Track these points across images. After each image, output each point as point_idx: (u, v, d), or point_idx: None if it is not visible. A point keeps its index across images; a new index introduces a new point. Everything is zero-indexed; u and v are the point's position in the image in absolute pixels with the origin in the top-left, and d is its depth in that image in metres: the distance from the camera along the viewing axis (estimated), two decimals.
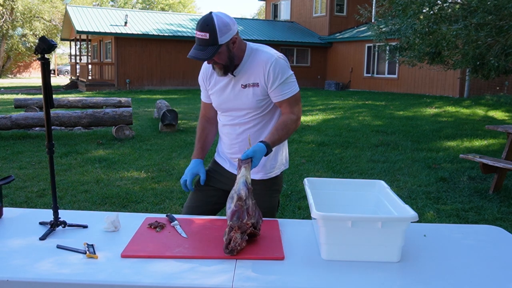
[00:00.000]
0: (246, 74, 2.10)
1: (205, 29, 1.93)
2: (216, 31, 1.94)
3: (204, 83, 2.26)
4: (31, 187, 5.22)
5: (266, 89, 2.10)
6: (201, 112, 2.39)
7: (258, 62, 2.09)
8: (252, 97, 2.11)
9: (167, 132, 8.95)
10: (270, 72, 2.06)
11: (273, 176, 2.26)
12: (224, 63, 2.02)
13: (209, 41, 1.94)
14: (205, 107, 2.35)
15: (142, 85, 20.86)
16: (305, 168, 6.30)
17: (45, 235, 1.77)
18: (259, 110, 2.15)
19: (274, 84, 2.08)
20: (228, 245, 1.60)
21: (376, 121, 10.90)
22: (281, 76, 2.08)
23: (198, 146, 2.33)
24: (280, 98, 2.11)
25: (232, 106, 2.17)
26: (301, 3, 25.57)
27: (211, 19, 1.94)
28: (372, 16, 15.18)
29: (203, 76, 2.25)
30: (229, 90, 2.14)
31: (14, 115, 7.99)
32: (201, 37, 1.94)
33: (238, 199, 1.71)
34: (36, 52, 1.75)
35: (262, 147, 1.95)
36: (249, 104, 2.12)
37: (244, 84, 2.11)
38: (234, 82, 2.12)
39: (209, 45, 1.94)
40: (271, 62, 2.07)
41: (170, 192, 5.10)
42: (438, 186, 5.48)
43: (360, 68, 21.89)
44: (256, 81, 2.09)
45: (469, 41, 7.00)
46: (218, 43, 1.95)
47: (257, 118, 2.17)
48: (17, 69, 40.23)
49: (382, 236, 1.60)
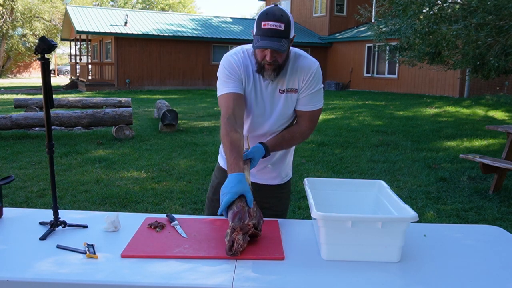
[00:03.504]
0: (285, 78, 1.97)
1: (280, 20, 1.80)
2: (290, 23, 1.83)
3: (240, 72, 1.94)
4: (31, 187, 5.22)
5: (299, 95, 1.99)
6: (227, 110, 1.89)
7: (300, 67, 1.97)
8: (288, 104, 1.99)
9: (167, 132, 8.95)
10: (310, 78, 1.97)
11: (287, 180, 2.27)
12: (281, 63, 1.88)
13: (283, 33, 1.80)
14: (235, 100, 1.90)
15: (142, 85, 20.86)
16: (305, 168, 6.30)
17: (45, 235, 1.77)
18: (287, 119, 2.03)
19: (307, 91, 1.98)
20: (232, 247, 1.60)
21: (376, 121, 10.90)
22: (316, 85, 1.99)
23: (234, 157, 1.77)
24: (306, 108, 2.01)
25: (264, 111, 2.01)
26: (301, 3, 25.56)
27: (284, 10, 1.82)
28: (372, 16, 15.18)
29: (238, 65, 1.94)
30: (264, 93, 1.98)
31: (14, 115, 7.99)
32: (277, 28, 1.79)
33: (239, 200, 1.70)
34: (36, 52, 1.75)
35: (261, 149, 1.93)
36: (283, 112, 2.00)
37: (282, 89, 1.97)
38: (271, 86, 1.97)
39: (283, 37, 1.81)
40: (314, 68, 1.98)
41: (170, 192, 5.10)
42: (438, 186, 5.48)
43: (360, 68, 21.89)
44: (295, 87, 1.97)
45: (469, 41, 7.00)
46: (289, 37, 1.84)
47: (282, 128, 2.05)
48: (17, 69, 40.22)
49: (382, 236, 1.60)
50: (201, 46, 21.78)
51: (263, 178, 2.17)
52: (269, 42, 1.79)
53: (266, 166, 2.14)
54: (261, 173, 2.15)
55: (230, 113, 1.88)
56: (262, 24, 1.81)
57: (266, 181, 2.18)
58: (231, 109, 1.89)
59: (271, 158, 2.09)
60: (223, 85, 1.94)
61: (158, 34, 20.69)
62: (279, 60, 1.87)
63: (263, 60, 1.87)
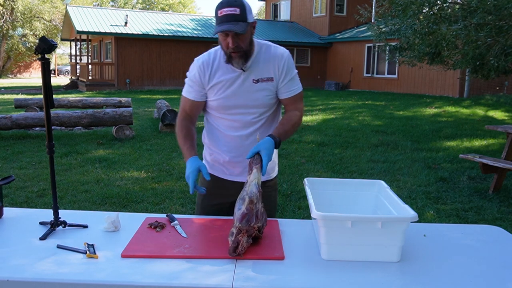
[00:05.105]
0: (258, 68, 2.03)
1: (234, 4, 1.86)
2: (246, 7, 1.88)
3: (201, 79, 2.07)
4: (31, 187, 5.22)
5: (277, 84, 2.06)
6: (183, 113, 2.15)
7: (271, 56, 2.04)
8: (266, 92, 2.05)
9: (167, 132, 8.95)
10: (285, 66, 2.04)
11: (274, 176, 2.27)
12: (245, 48, 1.94)
13: (239, 16, 1.85)
14: (192, 106, 2.12)
15: (142, 85, 20.86)
16: (305, 168, 6.30)
17: (45, 235, 1.77)
18: (267, 107, 2.09)
19: (286, 80, 2.06)
20: (236, 249, 1.60)
21: (376, 121, 10.90)
22: (291, 72, 2.07)
23: (188, 145, 2.08)
24: (288, 95, 2.09)
25: (241, 102, 2.06)
26: (301, 3, 25.56)
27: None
28: (372, 16, 15.18)
29: (200, 71, 2.06)
30: (237, 86, 2.03)
31: (14, 115, 7.99)
32: (232, 13, 1.85)
33: (250, 202, 1.68)
34: (36, 52, 1.75)
35: (268, 140, 1.89)
36: (261, 100, 2.06)
37: (256, 79, 2.03)
38: (243, 77, 2.03)
39: (240, 20, 1.86)
40: (285, 56, 2.06)
41: (170, 192, 5.10)
42: (438, 186, 5.48)
43: (360, 68, 21.89)
44: (270, 75, 2.04)
45: (469, 41, 6.99)
46: (247, 20, 1.88)
47: (264, 118, 2.11)
48: (17, 69, 40.23)
49: (382, 236, 1.60)
50: (201, 46, 21.74)
51: None
52: (225, 25, 1.86)
53: None
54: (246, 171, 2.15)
55: (186, 115, 2.15)
56: (219, 13, 1.88)
57: None
58: (188, 111, 2.15)
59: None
60: (187, 89, 2.14)
61: (158, 34, 20.69)
62: (242, 45, 1.93)
63: (228, 48, 1.93)
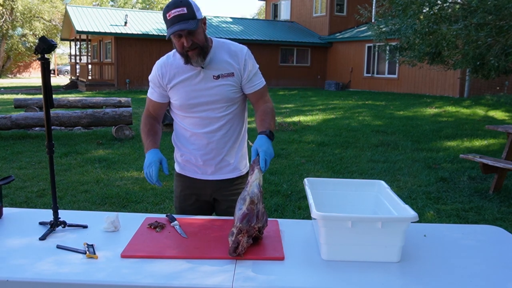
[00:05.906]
0: (216, 65, 2.06)
1: (180, 5, 1.89)
2: (192, 5, 1.91)
3: (160, 81, 2.12)
4: (31, 187, 5.22)
5: (240, 79, 2.10)
6: (147, 112, 2.24)
7: (230, 52, 2.08)
8: (228, 87, 2.08)
9: (167, 132, 8.92)
10: (247, 61, 2.08)
11: (246, 172, 2.29)
12: (201, 44, 1.96)
13: (188, 15, 1.89)
14: (155, 106, 2.20)
15: (142, 85, 20.85)
16: (305, 168, 6.30)
17: (45, 235, 1.77)
18: (232, 102, 2.12)
19: (249, 75, 2.10)
20: (236, 249, 1.60)
21: (376, 121, 10.90)
22: (253, 67, 2.11)
23: (151, 139, 2.13)
24: (254, 89, 2.14)
25: (203, 100, 2.08)
26: (301, 3, 25.56)
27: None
28: (372, 16, 15.18)
29: (158, 73, 2.12)
30: (198, 83, 2.07)
31: (14, 115, 7.99)
32: (180, 13, 1.88)
33: (251, 203, 1.68)
34: (36, 52, 1.75)
35: (260, 137, 1.95)
36: (224, 95, 2.08)
37: (216, 75, 2.06)
38: (203, 74, 2.06)
39: (189, 19, 1.89)
40: (245, 52, 2.10)
41: (170, 192, 5.09)
42: (438, 186, 5.48)
43: (360, 68, 21.89)
44: (231, 71, 2.07)
45: (469, 41, 7.00)
46: (196, 17, 1.91)
47: (230, 112, 2.13)
48: (17, 69, 40.23)
49: (382, 236, 1.60)
50: None
51: (221, 173, 2.21)
52: (176, 26, 1.89)
53: (223, 159, 2.18)
54: (219, 168, 2.20)
55: (150, 113, 2.23)
56: (167, 16, 1.91)
57: (225, 176, 2.22)
58: (152, 111, 2.23)
59: (222, 150, 2.16)
60: (150, 90, 2.21)
61: (158, 34, 20.68)
62: (198, 42, 1.95)
63: (184, 48, 1.96)
